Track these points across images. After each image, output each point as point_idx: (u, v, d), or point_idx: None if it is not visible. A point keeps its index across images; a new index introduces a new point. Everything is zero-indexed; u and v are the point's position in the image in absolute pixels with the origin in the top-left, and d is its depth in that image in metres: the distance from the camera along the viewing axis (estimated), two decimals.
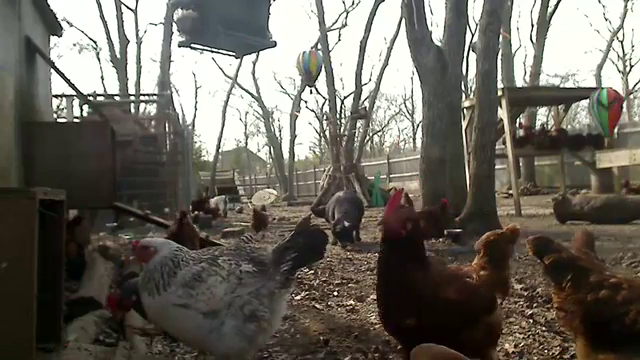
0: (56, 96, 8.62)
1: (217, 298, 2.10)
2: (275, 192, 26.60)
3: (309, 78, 19.76)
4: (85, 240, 4.76)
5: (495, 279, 2.08)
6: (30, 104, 5.27)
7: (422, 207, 7.41)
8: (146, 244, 2.26)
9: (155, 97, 15.31)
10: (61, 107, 12.53)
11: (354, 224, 6.95)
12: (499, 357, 2.58)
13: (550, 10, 23.89)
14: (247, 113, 47.41)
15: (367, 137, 33.57)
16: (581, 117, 37.59)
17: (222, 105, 35.80)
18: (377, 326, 3.14)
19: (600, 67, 34.09)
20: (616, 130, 13.69)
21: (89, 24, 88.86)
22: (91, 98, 9.27)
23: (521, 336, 2.84)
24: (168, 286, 2.11)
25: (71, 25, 27.34)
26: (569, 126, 25.67)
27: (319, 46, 23.43)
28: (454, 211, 7.46)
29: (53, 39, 7.50)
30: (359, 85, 24.29)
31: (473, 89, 17.36)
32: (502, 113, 11.03)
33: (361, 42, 23.32)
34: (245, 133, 50.49)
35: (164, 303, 2.11)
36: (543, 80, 30.65)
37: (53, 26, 6.52)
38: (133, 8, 26.55)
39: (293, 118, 34.35)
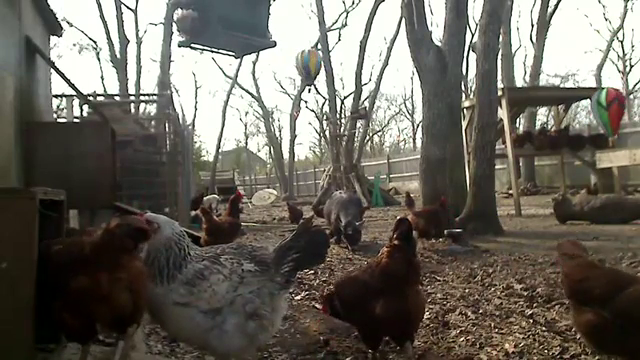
0: (56, 96, 8.57)
1: (219, 296, 2.10)
2: (275, 192, 26.59)
3: (308, 77, 19.73)
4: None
5: None
6: (30, 104, 5.27)
7: (422, 206, 7.40)
8: (151, 219, 2.25)
9: (155, 97, 15.27)
10: (61, 107, 12.49)
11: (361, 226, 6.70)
12: (499, 357, 2.58)
13: (550, 10, 23.89)
14: (247, 113, 47.60)
15: (367, 137, 33.58)
16: (581, 117, 37.66)
17: (222, 105, 35.85)
18: None
19: (600, 67, 34.10)
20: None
21: (89, 24, 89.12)
22: (91, 98, 9.23)
23: (521, 336, 2.84)
24: (172, 280, 2.10)
25: (71, 25, 27.40)
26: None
27: (319, 46, 23.43)
28: (454, 211, 7.46)
29: (53, 39, 7.49)
30: (359, 85, 24.33)
31: (473, 89, 17.35)
32: (502, 113, 11.03)
33: (361, 42, 23.36)
34: (245, 133, 50.61)
35: (165, 300, 2.11)
36: (543, 80, 30.69)
37: (53, 26, 6.50)
38: (133, 8, 26.54)
39: (293, 119, 34.36)
